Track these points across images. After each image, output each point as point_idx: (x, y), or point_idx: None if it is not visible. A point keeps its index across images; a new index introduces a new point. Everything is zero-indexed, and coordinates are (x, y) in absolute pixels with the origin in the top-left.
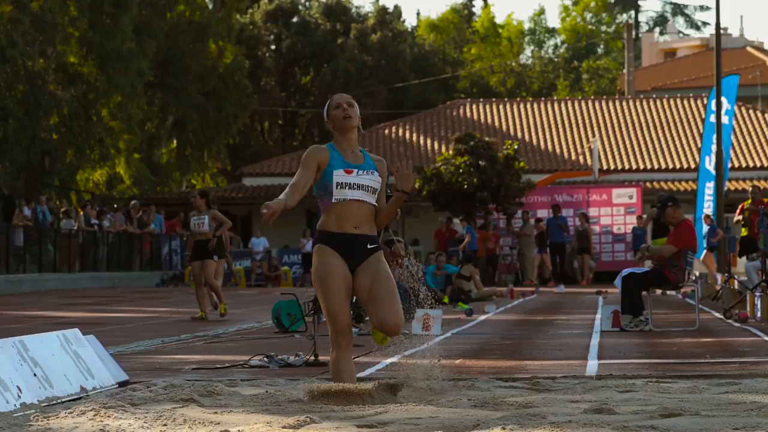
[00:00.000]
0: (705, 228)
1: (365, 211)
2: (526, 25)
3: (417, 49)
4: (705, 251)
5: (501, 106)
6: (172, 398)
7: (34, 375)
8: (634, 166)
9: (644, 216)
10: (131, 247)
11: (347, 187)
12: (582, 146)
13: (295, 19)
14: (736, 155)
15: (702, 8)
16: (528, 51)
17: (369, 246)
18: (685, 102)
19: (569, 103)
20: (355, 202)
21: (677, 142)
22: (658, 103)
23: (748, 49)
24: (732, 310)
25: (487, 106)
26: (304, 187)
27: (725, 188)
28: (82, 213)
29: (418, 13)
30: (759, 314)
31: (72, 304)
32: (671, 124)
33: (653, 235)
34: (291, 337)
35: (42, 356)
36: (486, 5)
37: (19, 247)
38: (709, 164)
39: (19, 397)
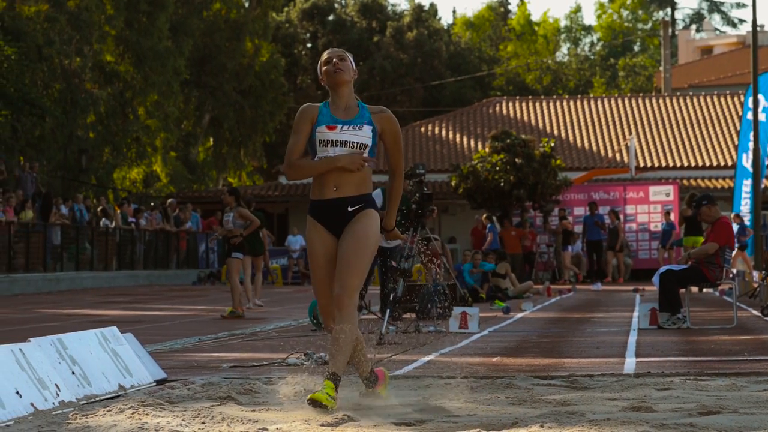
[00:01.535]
0: (735, 227)
1: (349, 171)
2: (563, 23)
3: (453, 46)
4: (736, 250)
5: (537, 104)
6: (209, 396)
7: (73, 373)
8: (671, 164)
9: (669, 213)
10: (168, 245)
11: (329, 144)
12: (619, 144)
13: (331, 17)
14: None
15: (738, 5)
16: (564, 48)
17: (350, 209)
18: (722, 99)
19: (606, 101)
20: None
21: (714, 139)
22: (695, 100)
23: None
24: None
25: (524, 104)
26: (301, 150)
27: (762, 186)
28: (119, 211)
29: (454, 11)
30: None
31: (109, 302)
32: (708, 122)
33: (686, 232)
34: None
35: (80, 354)
36: (522, 3)
37: (56, 245)
38: (746, 162)
39: (58, 395)
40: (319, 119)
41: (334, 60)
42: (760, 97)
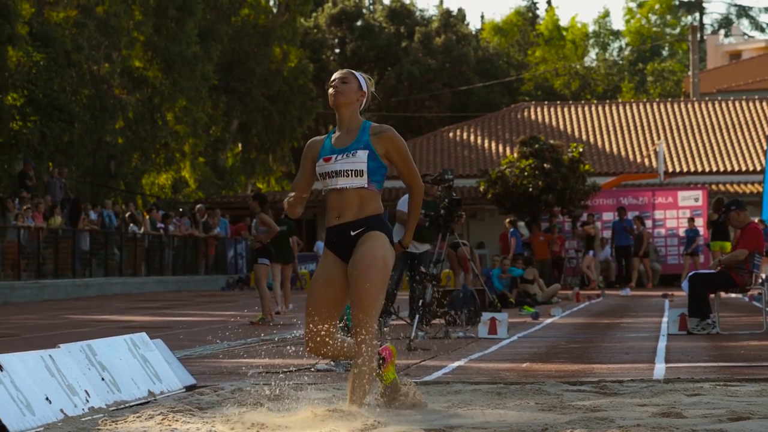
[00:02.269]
0: None
1: (348, 197)
2: (591, 28)
3: (481, 52)
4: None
5: (566, 109)
6: (239, 402)
7: (102, 379)
8: (700, 169)
9: (693, 220)
10: (196, 251)
11: (327, 177)
12: (647, 149)
13: (359, 23)
14: None
15: (767, 10)
16: (592, 53)
17: (352, 233)
18: (751, 104)
19: (634, 106)
20: (336, 191)
21: (743, 144)
22: (724, 105)
23: None
24: None
25: (552, 109)
26: (303, 187)
27: None
28: (147, 217)
29: (482, 16)
30: None
31: (138, 308)
32: (737, 127)
33: (712, 237)
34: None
35: (110, 360)
36: (550, 8)
37: (85, 251)
38: None
39: (87, 401)
40: (320, 153)
41: (334, 82)
42: None
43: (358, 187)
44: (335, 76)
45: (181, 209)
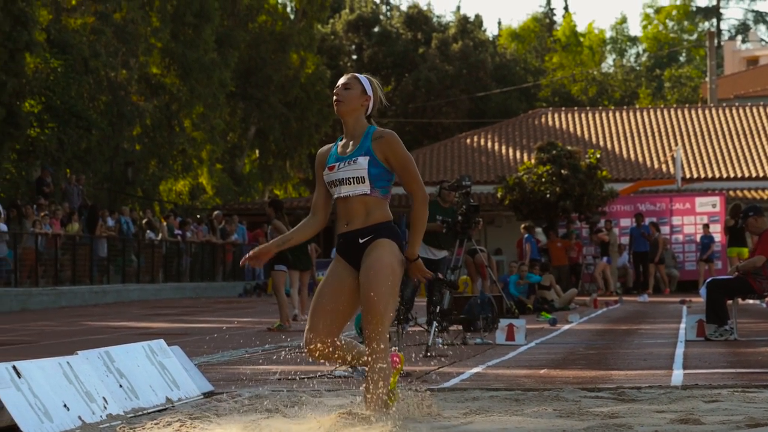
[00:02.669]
0: None
1: (354, 205)
2: (608, 34)
3: (498, 58)
4: None
5: (583, 115)
6: (257, 409)
7: (120, 386)
8: (717, 175)
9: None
10: (214, 258)
11: (332, 185)
12: (665, 155)
13: (376, 29)
14: None
15: None
16: (610, 59)
17: (360, 241)
18: None
19: (651, 112)
20: (341, 199)
21: (760, 150)
22: (741, 111)
23: None
24: None
25: (569, 115)
26: (322, 204)
27: None
28: (165, 223)
29: (499, 22)
30: None
31: (155, 315)
32: (754, 132)
33: (729, 243)
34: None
35: (128, 367)
36: (567, 14)
37: (102, 257)
38: None
39: (105, 408)
40: (327, 161)
41: (336, 90)
42: None
43: (361, 194)
44: (339, 82)
45: (198, 216)
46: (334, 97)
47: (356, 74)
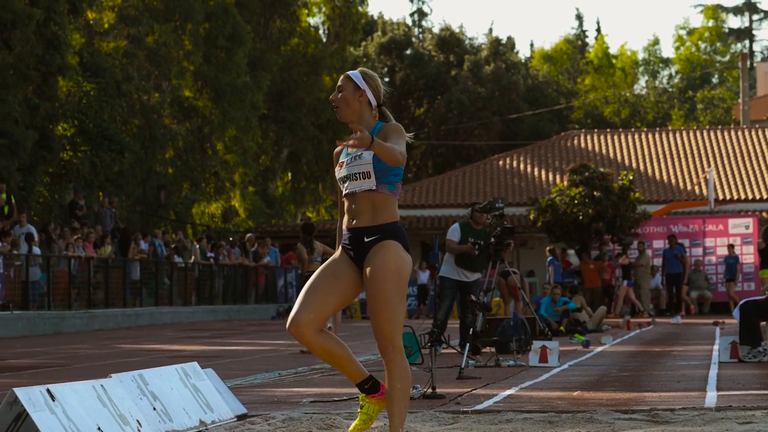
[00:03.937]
0: None
1: (360, 202)
2: (640, 56)
3: (531, 80)
4: None
5: (615, 137)
6: (291, 431)
7: (154, 409)
8: (750, 196)
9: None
10: (247, 280)
11: (341, 182)
12: (697, 176)
13: (408, 51)
14: None
15: None
16: (642, 81)
17: (366, 239)
18: None
19: (684, 133)
20: (349, 196)
21: None
22: None
23: None
24: None
25: (602, 137)
26: (343, 206)
27: None
28: (197, 246)
29: (531, 44)
30: None
31: (188, 338)
32: None
33: (762, 265)
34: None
35: (161, 390)
36: (599, 36)
37: (135, 280)
38: None
39: (139, 430)
40: (340, 159)
41: (331, 97)
42: None
43: (367, 189)
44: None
45: (231, 238)
46: (333, 105)
47: (348, 72)
